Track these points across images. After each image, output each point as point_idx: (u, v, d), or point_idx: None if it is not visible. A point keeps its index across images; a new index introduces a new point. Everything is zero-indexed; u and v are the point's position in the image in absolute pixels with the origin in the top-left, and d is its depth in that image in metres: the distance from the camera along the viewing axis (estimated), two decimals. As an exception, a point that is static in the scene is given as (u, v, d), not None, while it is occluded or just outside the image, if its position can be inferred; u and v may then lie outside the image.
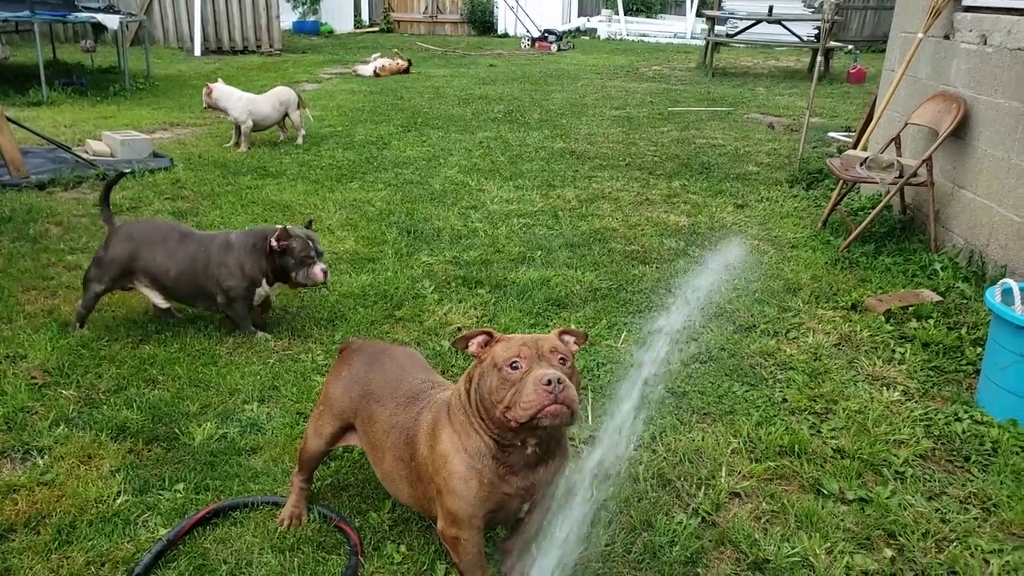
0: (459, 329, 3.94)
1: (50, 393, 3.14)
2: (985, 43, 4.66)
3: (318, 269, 3.74)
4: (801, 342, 3.89)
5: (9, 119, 6.12)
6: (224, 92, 7.56)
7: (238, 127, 7.71)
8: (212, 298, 3.72)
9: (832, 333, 3.98)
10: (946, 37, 5.18)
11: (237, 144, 7.75)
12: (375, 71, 13.92)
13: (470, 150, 8.09)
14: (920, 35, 5.32)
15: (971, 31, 4.84)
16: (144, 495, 2.55)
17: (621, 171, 7.38)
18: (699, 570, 2.35)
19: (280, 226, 3.71)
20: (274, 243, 3.65)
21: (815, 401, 3.33)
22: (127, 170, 4.24)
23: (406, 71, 14.37)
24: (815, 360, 3.70)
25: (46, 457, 2.71)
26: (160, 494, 2.55)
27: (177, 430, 2.94)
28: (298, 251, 3.69)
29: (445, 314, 4.11)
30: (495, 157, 7.81)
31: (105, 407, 3.05)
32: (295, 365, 3.52)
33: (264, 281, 3.76)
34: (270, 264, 3.73)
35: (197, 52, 15.80)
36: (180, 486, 2.59)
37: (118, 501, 2.50)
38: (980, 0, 4.82)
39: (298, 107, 8.04)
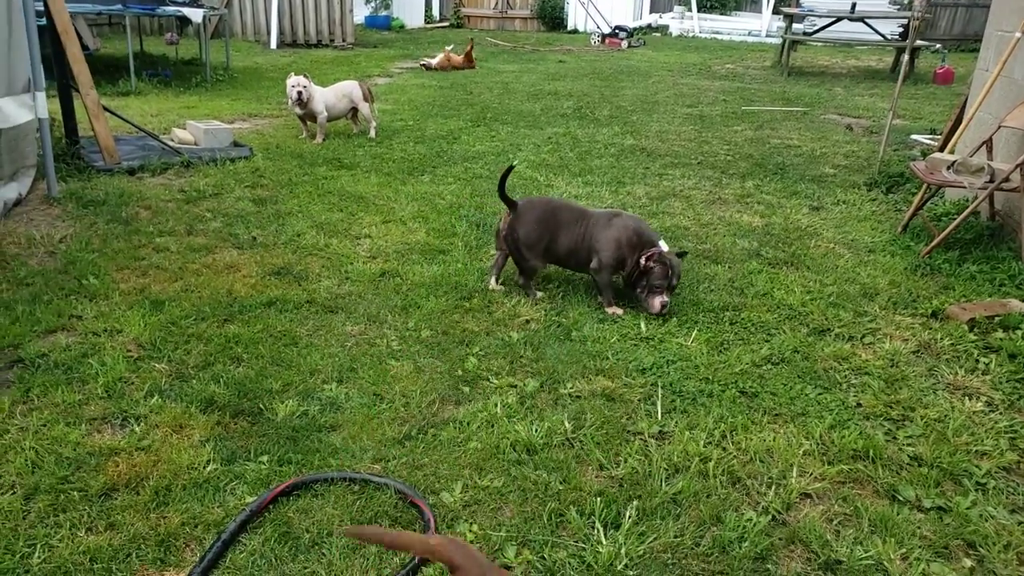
0: (528, 321, 3.99)
1: (144, 366, 3.32)
2: (1086, 43, 4.46)
3: (658, 301, 4.04)
4: (877, 348, 3.80)
5: (104, 108, 6.44)
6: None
7: (303, 119, 7.91)
8: (587, 263, 4.18)
9: (911, 340, 3.88)
10: (1044, 36, 4.97)
11: (312, 136, 7.97)
12: (441, 61, 14.19)
13: (539, 145, 8.13)
14: (1018, 34, 5.11)
15: (1071, 31, 4.64)
16: (232, 464, 2.68)
17: (693, 169, 7.31)
18: (769, 566, 2.34)
19: (662, 245, 4.10)
20: (643, 261, 4.04)
21: (891, 407, 3.26)
22: (514, 163, 4.74)
23: (471, 64, 14.54)
24: (892, 366, 3.61)
25: (142, 424, 2.88)
26: (246, 464, 2.68)
27: (261, 406, 3.07)
28: (656, 276, 4.02)
29: (513, 306, 4.17)
30: (564, 153, 7.84)
31: (194, 381, 3.21)
32: (371, 349, 3.62)
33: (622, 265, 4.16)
34: (632, 263, 4.10)
35: (273, 45, 16.29)
36: (264, 458, 2.72)
37: (208, 468, 2.64)
38: (1082, -2, 4.62)
39: (366, 100, 8.21)
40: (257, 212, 5.57)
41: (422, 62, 14.60)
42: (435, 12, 25.53)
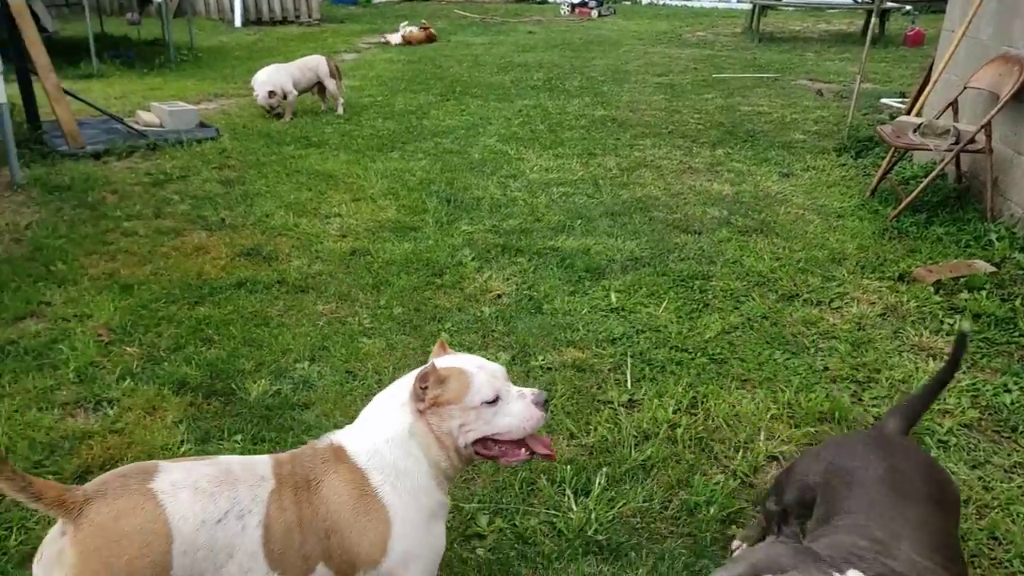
0: (499, 296, 4.01)
1: (115, 350, 3.31)
2: (1046, 4, 4.50)
3: None
4: (845, 312, 3.87)
5: (65, 91, 6.31)
6: (267, 75, 7.67)
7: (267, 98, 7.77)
8: None
9: (878, 303, 3.95)
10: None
11: (279, 115, 7.85)
12: (403, 38, 14.01)
13: (509, 119, 8.09)
14: (981, -6, 5.13)
15: (1032, -9, 4.67)
16: (206, 444, 2.69)
17: (664, 139, 7.32)
18: (736, 529, 2.40)
19: None
20: None
21: (857, 370, 3.33)
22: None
23: (433, 39, 14.41)
24: (859, 330, 3.69)
25: (115, 408, 2.88)
26: (220, 444, 2.69)
27: (234, 386, 3.08)
28: None
29: (485, 281, 4.18)
30: (534, 125, 7.81)
31: (166, 363, 3.20)
32: (343, 327, 3.63)
33: None
34: None
35: (238, 23, 15.97)
36: (238, 437, 2.73)
37: (182, 449, 2.65)
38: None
39: (332, 76, 8.10)
40: (225, 193, 5.52)
41: (383, 38, 14.43)
42: (404, -15, 25.11)
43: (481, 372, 1.74)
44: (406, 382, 1.78)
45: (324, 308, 3.84)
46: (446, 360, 1.80)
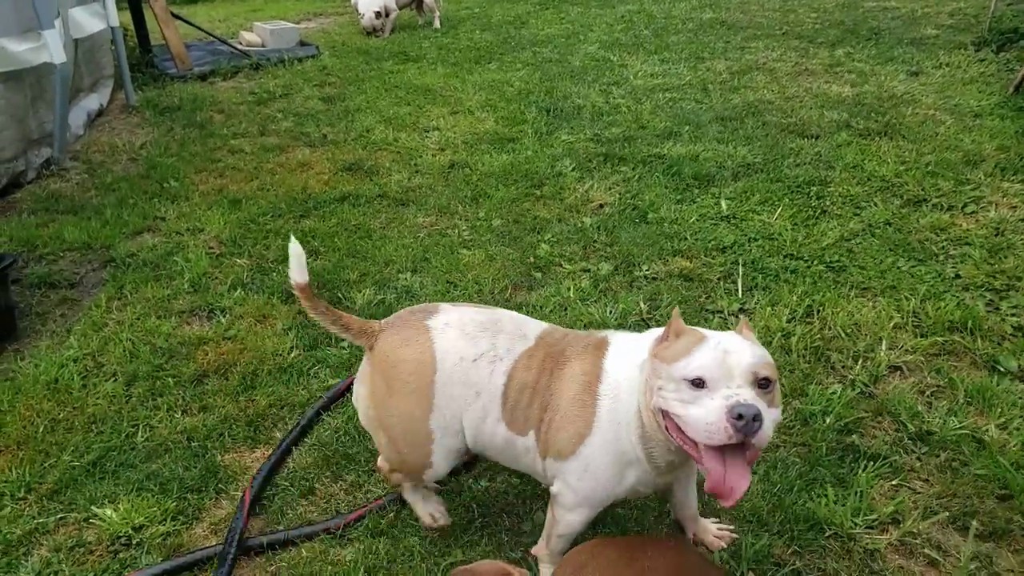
0: (601, 206, 3.89)
1: (226, 261, 3.42)
2: None
3: None
4: (981, 216, 3.53)
5: (173, 15, 6.46)
6: None
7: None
8: None
9: (1020, 207, 3.58)
10: None
11: (378, 35, 7.78)
12: None
13: (611, 24, 7.73)
14: None
15: None
16: (314, 350, 2.76)
17: (777, 40, 6.82)
18: (854, 439, 2.27)
19: None
20: None
21: (994, 277, 3.05)
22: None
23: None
24: (996, 235, 3.36)
25: (228, 316, 2.99)
26: (327, 350, 2.76)
27: (340, 295, 3.13)
28: None
29: (586, 191, 4.06)
30: (638, 31, 7.43)
31: (274, 274, 3.29)
32: (443, 239, 3.62)
33: None
34: None
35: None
36: (344, 343, 2.78)
37: (292, 355, 2.73)
38: None
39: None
40: (326, 110, 5.56)
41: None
42: None
43: (712, 352, 1.48)
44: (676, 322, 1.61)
45: (424, 220, 3.83)
46: (708, 332, 1.57)
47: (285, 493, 2.15)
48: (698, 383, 1.45)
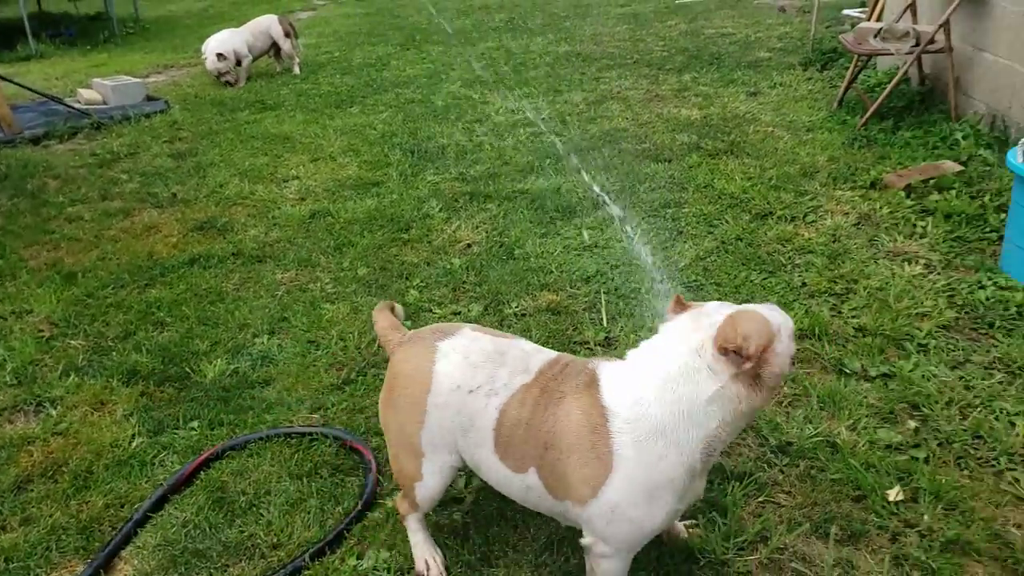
0: (469, 246, 3.85)
1: (58, 344, 3.13)
2: None
3: None
4: (819, 225, 3.74)
5: (-3, 76, 6.01)
6: (218, 41, 7.35)
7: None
8: None
9: (851, 213, 3.82)
10: None
11: (231, 83, 7.53)
12: None
13: (472, 63, 7.81)
14: None
15: None
16: (159, 435, 2.55)
17: (629, 69, 7.08)
18: (722, 459, 2.30)
19: None
20: None
21: (835, 282, 3.22)
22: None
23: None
24: (834, 242, 3.56)
25: (59, 407, 2.72)
26: (175, 433, 2.55)
27: (188, 369, 2.92)
28: None
29: (454, 232, 4.02)
30: (498, 67, 7.54)
31: (114, 353, 3.04)
32: (303, 295, 3.47)
33: None
34: None
35: (185, -10, 15.35)
36: (195, 423, 2.59)
37: (133, 444, 2.50)
38: None
39: (287, 36, 7.79)
40: (176, 167, 5.29)
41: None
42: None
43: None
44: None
45: (283, 276, 3.67)
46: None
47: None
48: None
